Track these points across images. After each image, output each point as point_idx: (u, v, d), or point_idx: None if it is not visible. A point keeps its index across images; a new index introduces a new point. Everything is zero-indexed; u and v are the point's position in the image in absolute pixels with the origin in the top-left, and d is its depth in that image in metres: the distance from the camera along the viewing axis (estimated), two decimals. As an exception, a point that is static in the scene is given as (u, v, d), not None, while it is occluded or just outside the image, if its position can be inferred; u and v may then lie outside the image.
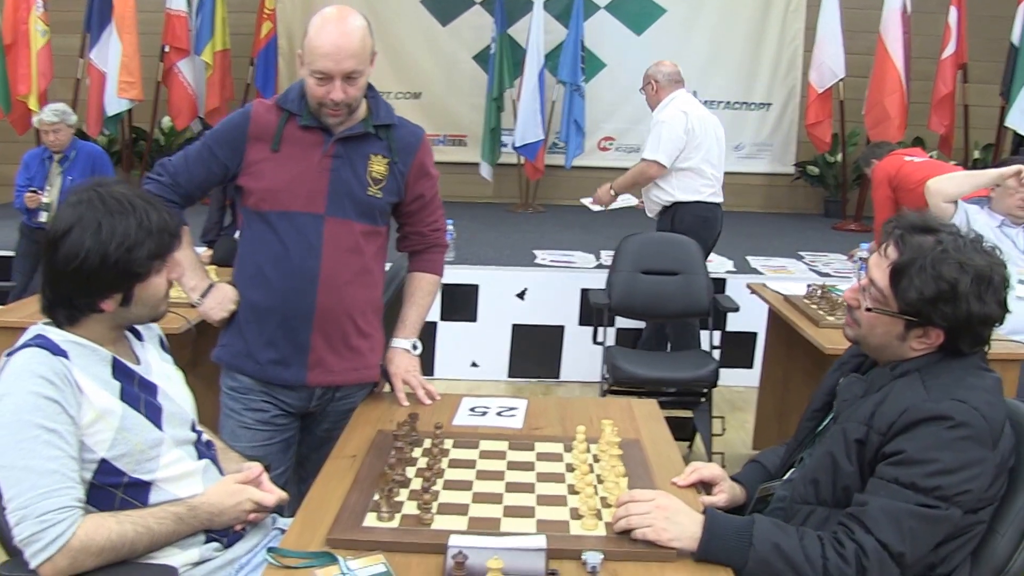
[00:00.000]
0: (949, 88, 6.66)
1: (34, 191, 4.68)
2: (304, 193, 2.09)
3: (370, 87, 2.12)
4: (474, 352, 4.93)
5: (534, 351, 4.85)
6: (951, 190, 3.51)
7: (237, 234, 2.42)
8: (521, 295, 4.97)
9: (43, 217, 4.71)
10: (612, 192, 4.52)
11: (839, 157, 7.39)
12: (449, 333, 4.96)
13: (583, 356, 4.73)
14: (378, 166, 2.14)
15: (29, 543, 1.43)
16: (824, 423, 1.79)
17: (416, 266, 2.35)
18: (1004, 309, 1.56)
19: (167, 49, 6.89)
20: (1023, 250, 3.51)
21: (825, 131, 6.98)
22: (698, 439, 3.90)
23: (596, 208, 4.64)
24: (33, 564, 1.44)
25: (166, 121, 7.29)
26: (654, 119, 4.43)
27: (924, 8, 6.92)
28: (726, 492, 1.81)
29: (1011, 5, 6.57)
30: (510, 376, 5.02)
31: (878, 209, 4.86)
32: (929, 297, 1.53)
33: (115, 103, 6.49)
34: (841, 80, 6.82)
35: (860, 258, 4.91)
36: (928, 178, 3.69)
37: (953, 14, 6.61)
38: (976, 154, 7.21)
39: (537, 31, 7.05)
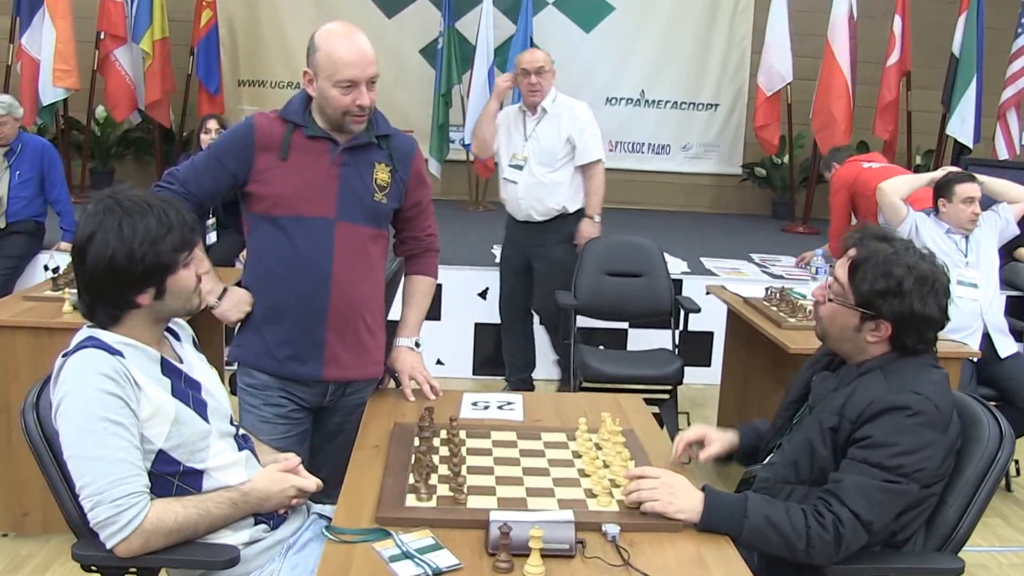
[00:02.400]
0: (893, 95, 7.08)
1: None
2: (315, 198, 2.34)
3: None
4: (439, 350, 5.16)
5: (497, 350, 5.10)
6: (903, 190, 4.23)
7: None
8: (483, 294, 5.24)
9: None
10: (596, 218, 4.54)
11: (786, 159, 7.81)
12: (414, 331, 5.21)
13: (544, 355, 5.02)
14: (382, 174, 2.41)
15: (105, 526, 1.67)
16: (799, 413, 2.14)
17: (413, 269, 2.65)
18: (944, 315, 1.94)
19: (103, 36, 6.86)
20: (965, 253, 4.05)
21: (773, 134, 7.35)
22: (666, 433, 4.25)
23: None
24: (109, 544, 1.68)
25: (100, 111, 7.28)
26: (575, 117, 4.48)
27: (870, 14, 7.33)
28: (718, 441, 2.18)
29: (952, 14, 7.03)
30: (474, 374, 5.30)
31: (834, 214, 5.30)
32: (879, 290, 1.91)
33: (51, 92, 6.47)
34: (789, 84, 7.21)
35: (816, 266, 5.36)
36: None
37: (897, 22, 7.03)
38: (918, 159, 7.68)
39: (486, 26, 7.24)
